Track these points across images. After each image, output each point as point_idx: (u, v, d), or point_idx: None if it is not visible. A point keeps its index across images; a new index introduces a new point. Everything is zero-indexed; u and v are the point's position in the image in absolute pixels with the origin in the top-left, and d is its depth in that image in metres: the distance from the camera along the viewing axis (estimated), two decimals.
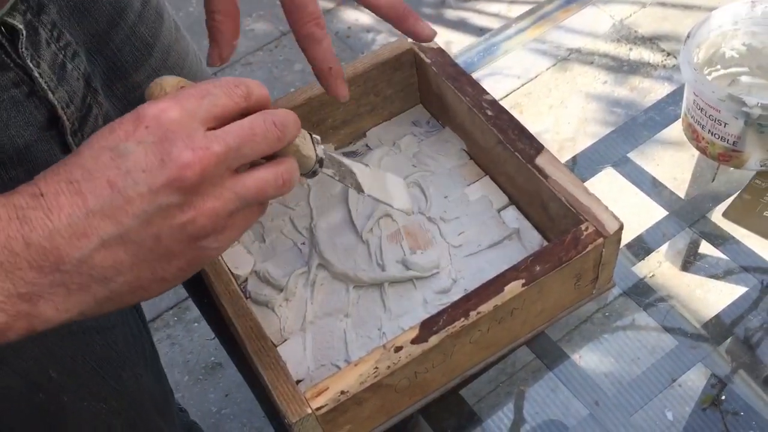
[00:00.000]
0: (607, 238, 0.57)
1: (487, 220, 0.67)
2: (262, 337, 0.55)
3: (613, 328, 0.66)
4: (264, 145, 0.42)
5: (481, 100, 0.66)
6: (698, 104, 0.68)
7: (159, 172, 0.38)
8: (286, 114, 0.44)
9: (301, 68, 1.97)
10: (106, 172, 0.38)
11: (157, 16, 0.69)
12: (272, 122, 0.42)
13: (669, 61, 0.86)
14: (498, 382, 0.65)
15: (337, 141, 0.74)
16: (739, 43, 0.72)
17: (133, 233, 0.38)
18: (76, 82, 0.59)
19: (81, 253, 0.38)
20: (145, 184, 0.38)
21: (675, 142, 0.77)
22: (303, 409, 0.51)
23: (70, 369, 0.66)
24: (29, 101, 0.56)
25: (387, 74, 0.72)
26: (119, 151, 0.38)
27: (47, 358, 0.64)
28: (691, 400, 0.61)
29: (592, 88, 0.85)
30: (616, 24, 0.91)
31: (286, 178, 0.44)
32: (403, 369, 0.54)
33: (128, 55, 0.66)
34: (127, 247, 0.38)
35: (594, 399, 0.62)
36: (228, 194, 0.40)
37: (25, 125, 0.56)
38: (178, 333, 1.57)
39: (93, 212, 0.37)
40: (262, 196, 0.42)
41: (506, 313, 0.57)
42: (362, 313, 0.63)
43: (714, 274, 0.68)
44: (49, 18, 0.57)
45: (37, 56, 0.55)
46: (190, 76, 0.74)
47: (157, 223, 0.38)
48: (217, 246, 0.42)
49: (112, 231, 0.38)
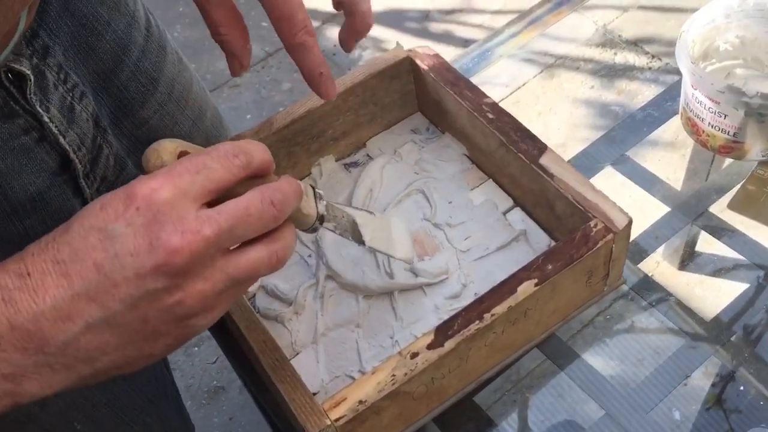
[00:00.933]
0: (616, 233, 0.57)
1: (492, 223, 0.67)
2: (276, 351, 0.54)
3: (615, 330, 0.66)
4: (259, 225, 0.40)
5: (481, 104, 0.66)
6: (697, 97, 0.68)
7: (147, 257, 0.37)
8: (286, 189, 0.42)
9: (289, 87, 1.97)
10: (93, 254, 0.37)
11: (160, 49, 0.68)
12: (270, 202, 0.40)
13: (654, 64, 0.87)
14: (503, 391, 0.64)
15: (338, 152, 0.74)
16: (732, 36, 0.73)
17: (119, 317, 0.37)
18: (86, 124, 0.58)
19: (66, 336, 0.37)
20: (132, 269, 0.37)
21: (666, 143, 0.77)
22: (322, 421, 0.50)
23: (94, 419, 0.65)
24: (39, 147, 0.55)
25: (385, 83, 0.71)
26: (108, 233, 0.37)
27: (72, 410, 0.62)
28: (696, 400, 0.61)
29: (580, 93, 0.86)
30: (600, 29, 0.92)
31: (281, 255, 0.42)
32: (420, 375, 0.53)
33: (134, 92, 0.65)
34: (113, 330, 0.38)
35: (609, 400, 0.61)
36: (218, 275, 0.39)
37: (37, 172, 0.55)
38: (178, 359, 1.56)
39: (78, 295, 0.37)
40: (254, 275, 0.41)
41: (520, 314, 0.57)
42: (373, 323, 0.63)
43: (712, 272, 0.68)
44: (55, 60, 0.56)
45: (46, 101, 0.54)
46: (196, 107, 0.74)
47: (143, 306, 0.38)
48: (205, 323, 0.41)
49: (98, 314, 0.37)
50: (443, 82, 0.69)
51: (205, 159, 0.39)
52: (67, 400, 0.62)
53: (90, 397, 0.64)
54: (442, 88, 0.69)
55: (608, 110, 0.83)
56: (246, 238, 0.40)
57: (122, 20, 0.63)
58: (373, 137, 0.75)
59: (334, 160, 0.74)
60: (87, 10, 0.59)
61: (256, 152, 0.42)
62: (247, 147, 0.41)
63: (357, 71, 0.71)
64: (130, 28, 0.64)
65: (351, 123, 0.73)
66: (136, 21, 0.65)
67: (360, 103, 0.72)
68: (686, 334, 0.64)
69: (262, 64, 2.05)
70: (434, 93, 0.71)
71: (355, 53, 2.03)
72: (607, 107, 0.83)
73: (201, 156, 0.40)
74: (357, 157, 0.75)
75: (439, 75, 0.69)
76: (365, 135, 0.75)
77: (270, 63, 2.04)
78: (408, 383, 0.53)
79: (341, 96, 0.70)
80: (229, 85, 2.02)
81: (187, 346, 1.57)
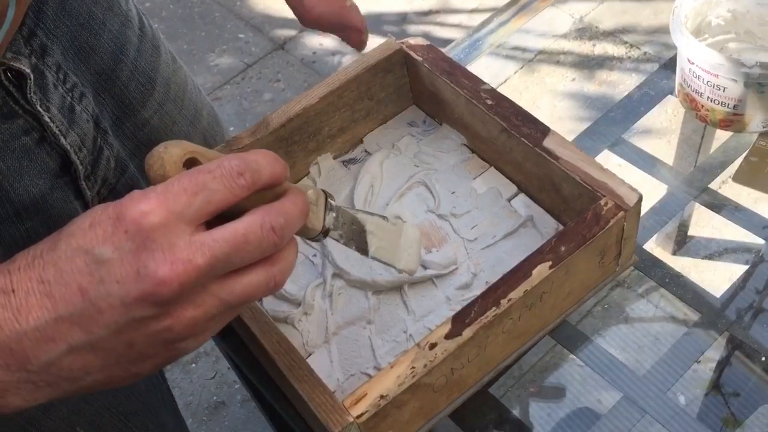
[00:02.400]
0: (627, 211, 0.56)
1: (498, 210, 0.66)
2: (291, 352, 0.53)
3: (615, 319, 0.65)
4: (257, 253, 0.37)
5: (479, 90, 0.66)
6: (695, 72, 0.68)
7: (133, 285, 0.35)
8: (291, 211, 0.39)
9: (270, 98, 1.96)
10: (78, 278, 0.35)
11: (154, 48, 0.68)
12: (270, 227, 0.37)
13: (633, 53, 0.87)
14: (507, 387, 0.63)
15: (335, 149, 0.73)
16: (723, 10, 0.73)
17: (102, 342, 0.36)
18: (86, 125, 0.57)
19: (48, 357, 0.36)
20: (117, 297, 0.35)
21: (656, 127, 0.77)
22: (344, 418, 0.49)
23: (97, 424, 0.64)
24: (40, 148, 0.54)
25: (379, 77, 0.71)
26: (94, 257, 0.35)
27: (75, 415, 0.62)
28: (699, 384, 0.61)
29: (562, 86, 0.86)
30: (577, 22, 0.92)
31: (279, 279, 0.39)
32: (439, 366, 0.52)
33: (134, 92, 0.64)
34: (96, 353, 0.36)
35: (626, 383, 0.61)
36: (211, 301, 0.37)
37: (39, 173, 0.54)
38: (176, 376, 1.53)
39: (62, 318, 0.35)
40: (249, 300, 0.38)
41: (536, 298, 0.56)
42: (385, 318, 0.62)
43: (706, 255, 0.68)
44: (53, 60, 0.55)
45: (46, 100, 0.53)
46: (192, 106, 0.73)
47: (129, 332, 0.36)
48: (195, 345, 0.39)
49: (81, 338, 0.36)
50: (438, 71, 0.68)
51: (206, 178, 0.36)
52: (70, 406, 0.61)
53: (93, 402, 0.63)
54: (437, 78, 0.68)
55: (591, 101, 0.83)
56: (242, 265, 0.38)
57: (116, 20, 0.62)
58: (370, 133, 0.74)
59: (332, 157, 0.73)
60: (83, 9, 0.58)
61: (265, 168, 0.38)
62: (255, 163, 0.38)
63: (350, 67, 0.70)
64: (125, 27, 0.63)
65: (347, 119, 0.72)
66: (129, 21, 0.64)
67: (355, 99, 0.71)
68: (684, 321, 0.63)
69: (242, 76, 2.03)
70: (430, 84, 0.70)
71: (335, 59, 2.02)
72: (590, 98, 0.84)
73: (202, 174, 0.36)
74: (355, 153, 0.74)
75: (433, 65, 0.68)
76: (362, 131, 0.74)
77: (250, 74, 2.03)
78: (428, 375, 0.52)
79: (336, 92, 0.69)
80: (210, 98, 2.01)
81: (184, 363, 1.54)
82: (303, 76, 1.99)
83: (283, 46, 2.08)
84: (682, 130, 0.76)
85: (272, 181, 0.39)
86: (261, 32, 2.13)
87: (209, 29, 2.14)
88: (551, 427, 0.60)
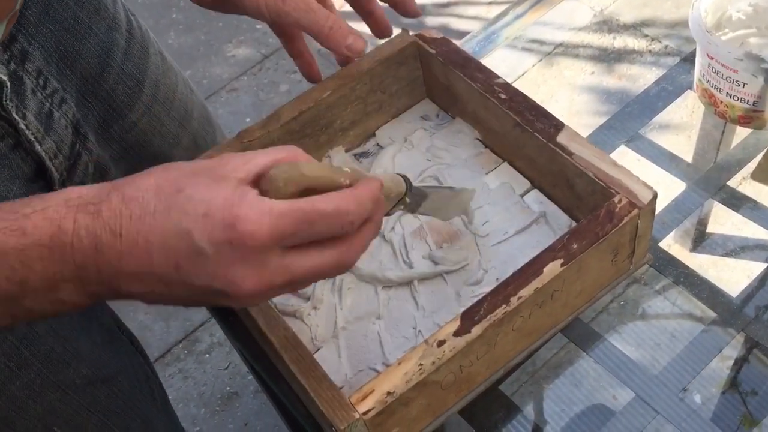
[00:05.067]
0: (641, 209, 0.56)
1: (510, 206, 0.66)
2: (298, 346, 0.53)
3: (630, 316, 0.64)
4: (329, 276, 0.44)
5: (493, 84, 0.65)
6: (713, 67, 0.67)
7: (221, 284, 0.40)
8: (369, 239, 0.44)
9: (287, 89, 1.95)
10: (177, 256, 0.40)
11: (142, 50, 0.67)
12: (352, 261, 0.43)
13: (654, 47, 0.86)
14: (521, 382, 0.63)
15: (348, 143, 0.72)
16: (744, 5, 0.71)
17: (177, 295, 0.42)
18: (64, 131, 0.57)
19: (130, 290, 0.41)
20: (205, 282, 0.40)
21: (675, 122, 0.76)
22: (351, 414, 0.49)
23: (75, 424, 0.64)
24: (14, 154, 0.54)
25: (392, 70, 0.70)
26: (197, 247, 0.39)
27: (51, 415, 0.62)
28: (715, 382, 0.60)
29: (581, 80, 0.85)
30: (597, 14, 0.91)
31: (349, 263, 0.44)
32: (448, 363, 0.52)
33: (122, 95, 0.64)
34: (168, 297, 0.42)
35: (637, 382, 0.60)
36: (278, 278, 0.41)
37: (11, 178, 0.54)
38: (190, 366, 1.54)
39: (154, 274, 0.40)
40: (315, 280, 0.44)
41: (547, 296, 0.55)
42: (394, 314, 0.61)
43: (725, 253, 0.67)
44: (34, 66, 0.55)
45: (23, 107, 0.53)
46: (182, 107, 0.73)
47: (202, 298, 0.43)
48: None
49: (163, 290, 0.41)
50: (452, 65, 0.67)
51: (318, 220, 0.40)
52: (45, 405, 0.61)
53: (69, 402, 0.63)
54: (451, 71, 0.67)
55: (610, 95, 0.82)
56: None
57: (103, 23, 0.62)
58: (383, 126, 0.74)
59: (344, 151, 0.72)
60: (68, 14, 0.58)
61: (372, 213, 0.43)
62: (365, 210, 0.42)
63: (363, 59, 0.69)
64: (111, 30, 0.63)
65: (359, 112, 0.71)
66: (116, 23, 0.64)
67: (367, 92, 0.70)
68: (702, 318, 0.62)
69: (259, 67, 2.03)
70: (443, 77, 0.69)
71: None
72: (609, 92, 0.82)
73: (316, 215, 0.40)
74: (367, 146, 0.73)
75: (447, 58, 0.68)
76: (374, 124, 0.73)
77: (267, 65, 2.03)
78: (436, 372, 0.51)
79: (348, 85, 0.68)
80: (227, 89, 2.01)
81: (197, 353, 1.55)
82: (320, 67, 1.99)
83: None
84: (702, 125, 0.75)
85: (377, 217, 0.44)
86: None
87: (227, 20, 2.13)
88: (565, 422, 0.60)
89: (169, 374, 1.52)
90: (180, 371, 1.54)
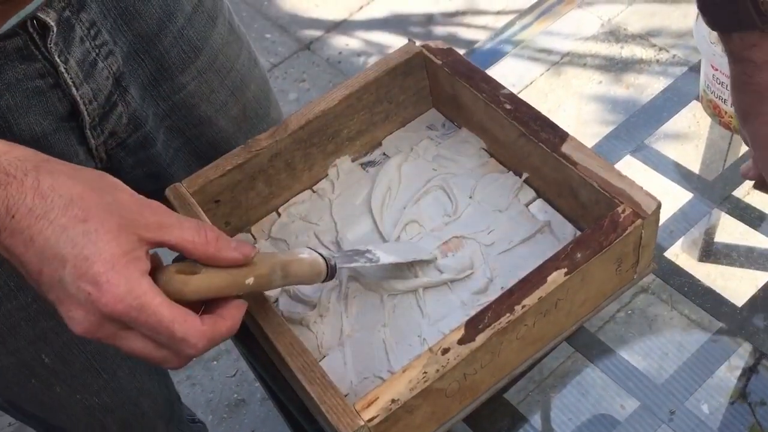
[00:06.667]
0: (645, 219, 0.56)
1: (515, 215, 0.66)
2: (304, 353, 0.53)
3: (637, 326, 0.64)
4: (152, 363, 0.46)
5: (498, 95, 0.65)
6: (718, 78, 0.67)
7: (60, 307, 0.43)
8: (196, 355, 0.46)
9: (295, 98, 1.96)
10: (45, 267, 0.42)
11: (209, 20, 0.69)
12: (177, 367, 0.46)
13: (662, 56, 0.86)
14: (528, 391, 0.63)
15: (354, 152, 0.73)
16: None
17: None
18: (105, 81, 0.60)
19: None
20: (50, 298, 0.43)
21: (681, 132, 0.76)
22: (355, 422, 0.49)
23: (63, 357, 0.66)
24: (52, 92, 0.57)
25: (398, 80, 0.71)
26: (62, 275, 0.42)
27: (41, 341, 0.64)
28: (722, 392, 0.60)
29: (588, 89, 0.85)
30: (605, 24, 0.91)
31: (174, 366, 0.47)
32: (452, 371, 0.52)
33: (175, 57, 0.66)
34: (22, 275, 0.44)
35: (643, 392, 0.60)
36: (104, 333, 0.44)
37: (45, 114, 0.57)
38: (197, 373, 1.55)
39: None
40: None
41: (551, 305, 0.55)
42: (400, 322, 0.62)
43: (733, 262, 0.67)
44: (88, 16, 0.57)
45: (67, 52, 0.56)
46: (238, 78, 0.74)
47: (43, 297, 0.44)
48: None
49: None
50: (458, 75, 0.68)
51: (163, 332, 0.43)
52: (38, 330, 0.64)
53: (61, 333, 0.65)
54: (457, 81, 0.68)
55: (617, 105, 0.82)
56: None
57: None
58: (389, 135, 0.74)
59: (351, 160, 0.73)
60: None
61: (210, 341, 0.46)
62: (203, 344, 0.45)
63: (370, 69, 0.70)
64: None
65: (366, 122, 0.72)
66: None
67: (374, 102, 0.71)
68: (709, 328, 0.62)
69: (268, 75, 2.05)
70: (449, 87, 0.70)
71: (360, 60, 2.03)
72: (617, 102, 0.83)
73: (164, 328, 0.43)
74: (373, 156, 0.74)
75: (453, 68, 0.68)
76: (381, 134, 0.74)
77: (275, 74, 2.04)
78: (440, 380, 0.52)
79: (355, 95, 0.69)
80: None
81: (205, 360, 1.56)
82: (328, 77, 2.00)
83: (309, 46, 2.09)
84: (709, 135, 0.75)
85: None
86: (287, 32, 2.14)
87: None
88: (571, 430, 0.60)
89: (177, 381, 1.53)
90: (188, 378, 1.54)
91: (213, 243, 0.46)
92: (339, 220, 0.69)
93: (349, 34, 2.09)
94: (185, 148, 0.73)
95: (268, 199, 0.70)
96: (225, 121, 0.74)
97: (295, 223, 0.70)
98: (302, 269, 0.53)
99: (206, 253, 0.46)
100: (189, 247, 0.45)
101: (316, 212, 0.70)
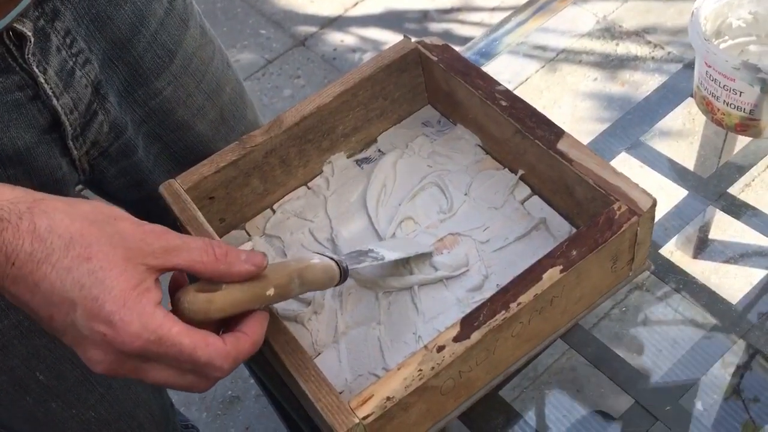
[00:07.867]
0: (641, 216, 0.56)
1: (511, 212, 0.66)
2: (299, 351, 0.53)
3: (632, 323, 0.64)
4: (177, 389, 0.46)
5: (494, 92, 0.65)
6: (711, 75, 0.67)
7: (78, 349, 0.42)
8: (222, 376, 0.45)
9: (290, 94, 1.96)
10: (56, 312, 0.41)
11: (181, 23, 0.68)
12: (203, 390, 0.45)
13: (657, 53, 0.86)
14: (522, 388, 0.63)
15: (349, 149, 0.73)
16: (745, 12, 0.72)
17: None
18: (84, 90, 0.59)
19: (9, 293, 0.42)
20: (66, 341, 0.43)
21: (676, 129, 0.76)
22: (350, 419, 0.49)
23: (57, 372, 0.65)
24: (32, 105, 0.56)
25: (394, 76, 0.70)
26: (73, 319, 0.41)
27: (35, 359, 0.63)
28: (716, 389, 0.60)
29: (583, 86, 0.85)
30: (600, 21, 0.91)
31: (200, 390, 0.46)
32: (447, 369, 0.52)
33: (150, 62, 0.66)
34: (35, 320, 0.43)
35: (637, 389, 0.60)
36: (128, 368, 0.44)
37: (26, 127, 0.56)
38: None
39: (30, 308, 0.42)
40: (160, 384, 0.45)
41: (546, 303, 0.55)
42: (395, 319, 0.62)
43: (727, 259, 0.67)
44: (63, 25, 0.57)
45: (45, 62, 0.56)
46: (213, 81, 0.74)
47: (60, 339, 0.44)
48: None
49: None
50: (453, 72, 0.67)
51: (186, 360, 0.43)
52: (30, 348, 0.62)
53: (54, 350, 0.64)
54: (452, 78, 0.68)
55: (613, 102, 0.82)
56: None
57: None
58: (384, 132, 0.74)
59: (346, 156, 0.73)
60: None
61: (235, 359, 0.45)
62: (228, 365, 0.44)
63: (365, 66, 0.69)
64: (151, 0, 0.64)
65: (361, 118, 0.71)
66: None
67: (369, 98, 0.70)
68: (704, 325, 0.63)
69: (263, 72, 2.04)
70: (444, 84, 0.70)
71: (355, 56, 2.02)
72: (612, 98, 0.82)
73: (186, 355, 0.42)
74: (369, 152, 0.73)
75: (448, 65, 0.68)
76: (376, 130, 0.74)
77: (270, 70, 2.04)
78: (435, 377, 0.52)
79: (350, 91, 0.68)
80: None
81: None
82: (323, 73, 1.99)
83: (304, 42, 2.08)
84: (704, 132, 0.75)
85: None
86: (282, 28, 2.14)
87: (231, 25, 2.14)
88: (566, 428, 0.60)
89: None
90: None
91: (223, 259, 0.45)
92: (334, 217, 0.68)
93: (344, 30, 2.09)
94: (164, 154, 0.72)
95: (263, 196, 0.70)
96: (203, 126, 0.73)
97: (289, 220, 0.70)
98: (317, 275, 0.52)
99: (218, 270, 0.45)
100: (199, 267, 0.44)
101: (311, 209, 0.70)
